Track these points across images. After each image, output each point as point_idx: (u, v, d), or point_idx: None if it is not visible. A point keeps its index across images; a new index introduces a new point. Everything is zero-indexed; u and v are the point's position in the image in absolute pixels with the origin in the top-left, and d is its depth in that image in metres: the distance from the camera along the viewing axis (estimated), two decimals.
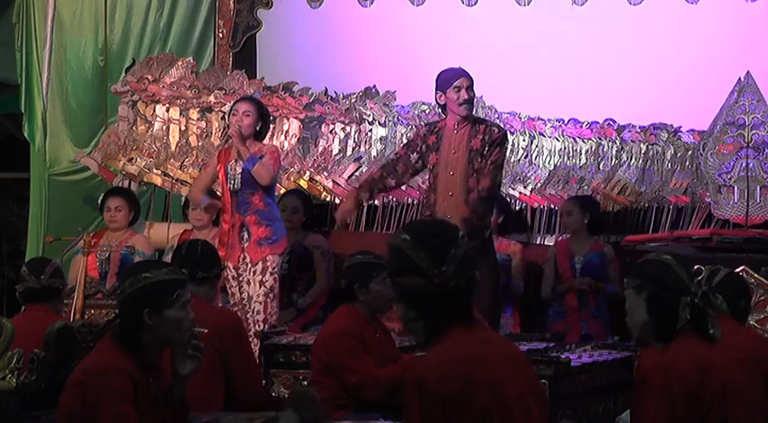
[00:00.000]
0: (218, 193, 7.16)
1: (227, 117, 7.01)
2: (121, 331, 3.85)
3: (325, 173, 8.48)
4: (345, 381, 5.11)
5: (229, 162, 6.85)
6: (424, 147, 6.69)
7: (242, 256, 6.76)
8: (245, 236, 6.78)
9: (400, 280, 3.00)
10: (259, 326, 6.59)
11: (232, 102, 7.18)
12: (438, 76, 6.66)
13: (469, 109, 6.64)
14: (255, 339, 6.20)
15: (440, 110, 6.79)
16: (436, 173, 6.65)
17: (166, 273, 3.90)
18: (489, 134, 6.62)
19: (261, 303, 6.71)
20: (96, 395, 3.72)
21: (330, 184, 8.44)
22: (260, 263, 6.73)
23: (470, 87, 6.61)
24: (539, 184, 8.40)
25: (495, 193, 6.75)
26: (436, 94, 6.66)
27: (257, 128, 6.87)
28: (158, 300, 3.83)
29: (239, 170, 6.79)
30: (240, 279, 6.78)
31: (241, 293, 6.79)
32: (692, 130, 8.42)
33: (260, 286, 6.73)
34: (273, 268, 6.76)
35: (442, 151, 6.65)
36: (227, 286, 6.79)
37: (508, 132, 7.11)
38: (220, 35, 9.20)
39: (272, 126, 7.78)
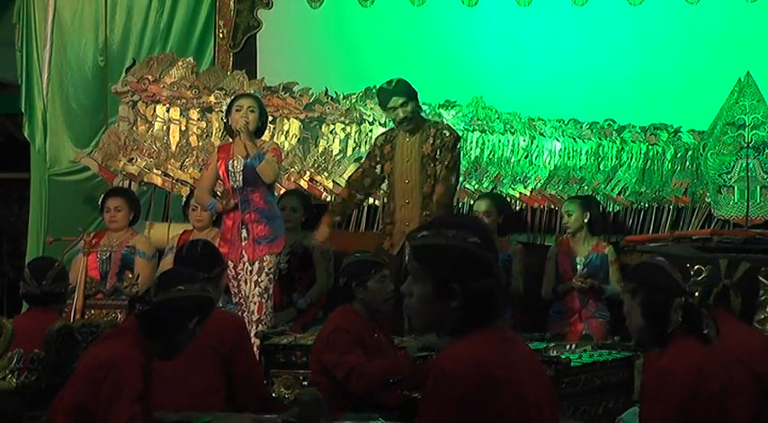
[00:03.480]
0: (218, 191, 7.13)
1: (224, 114, 6.95)
2: (152, 319, 3.87)
3: (325, 173, 8.49)
4: (336, 378, 5.11)
5: (230, 159, 6.80)
6: (380, 156, 6.82)
7: (241, 253, 6.76)
8: (244, 234, 6.76)
9: (474, 284, 2.85)
10: (253, 326, 6.58)
11: (230, 99, 7.12)
12: (378, 91, 6.84)
13: (410, 124, 6.70)
14: (255, 340, 6.20)
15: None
16: (392, 181, 6.78)
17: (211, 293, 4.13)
18: (440, 138, 6.70)
19: (255, 304, 6.69)
20: (109, 389, 3.73)
21: (330, 185, 8.44)
22: (257, 262, 6.71)
23: (405, 104, 6.65)
24: (539, 184, 8.41)
25: (451, 198, 6.82)
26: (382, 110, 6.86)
27: (258, 124, 6.86)
28: (206, 314, 3.99)
29: (241, 167, 6.76)
30: (239, 278, 6.78)
31: (240, 293, 6.79)
32: (692, 131, 8.43)
33: (255, 286, 6.70)
34: (269, 269, 6.73)
35: (396, 160, 6.77)
36: (230, 285, 6.78)
37: (458, 134, 7.07)
38: (221, 35, 9.20)
39: (271, 126, 7.77)
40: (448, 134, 6.73)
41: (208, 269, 4.97)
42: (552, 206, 8.39)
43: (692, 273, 3.71)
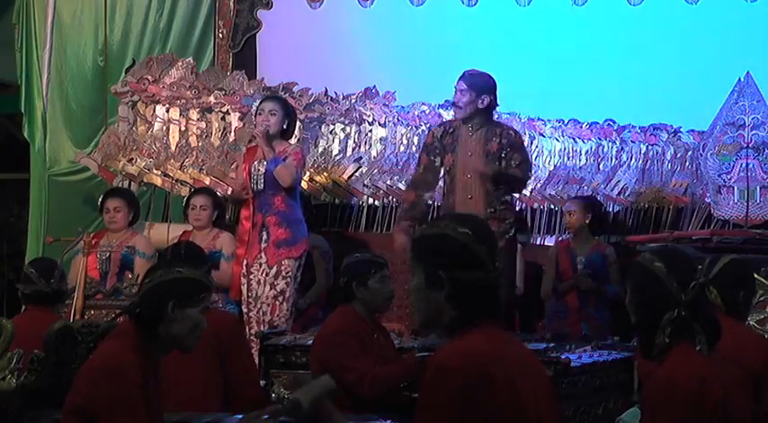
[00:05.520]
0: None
1: (253, 117, 7.01)
2: (139, 318, 3.85)
3: (325, 173, 8.49)
4: (343, 380, 5.08)
5: (254, 162, 6.88)
6: (439, 148, 6.62)
7: (259, 255, 6.78)
8: (265, 236, 6.80)
9: (460, 273, 2.89)
10: (263, 326, 6.59)
11: (258, 101, 7.17)
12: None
13: (460, 112, 6.57)
14: (256, 339, 6.20)
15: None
16: (453, 175, 6.58)
17: (199, 274, 3.97)
18: (507, 137, 6.58)
19: (269, 305, 6.72)
20: (108, 392, 3.72)
21: (330, 185, 8.44)
22: (275, 266, 6.74)
23: (465, 91, 6.52)
24: (539, 185, 8.40)
25: (523, 182, 6.78)
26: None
27: (284, 126, 6.90)
28: (186, 295, 3.87)
29: (263, 170, 6.82)
30: (250, 278, 6.79)
31: (249, 292, 6.79)
32: (692, 131, 8.43)
33: (270, 288, 6.73)
34: (287, 273, 6.77)
35: (458, 153, 6.58)
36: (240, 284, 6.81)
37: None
38: (220, 35, 9.20)
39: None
40: (513, 134, 6.65)
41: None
42: (552, 206, 8.39)
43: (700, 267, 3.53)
